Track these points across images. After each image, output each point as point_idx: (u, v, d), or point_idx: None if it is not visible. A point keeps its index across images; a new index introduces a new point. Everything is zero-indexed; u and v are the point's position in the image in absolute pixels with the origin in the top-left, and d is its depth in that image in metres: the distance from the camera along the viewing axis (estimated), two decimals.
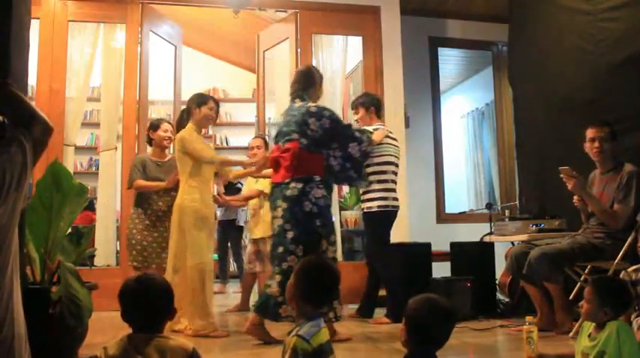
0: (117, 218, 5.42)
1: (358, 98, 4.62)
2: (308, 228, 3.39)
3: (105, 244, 5.18)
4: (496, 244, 4.67)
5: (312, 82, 3.69)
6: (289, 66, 5.61)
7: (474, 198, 7.87)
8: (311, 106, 3.55)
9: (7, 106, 1.84)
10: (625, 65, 3.98)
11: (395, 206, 4.28)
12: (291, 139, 3.50)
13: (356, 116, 4.50)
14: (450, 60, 7.23)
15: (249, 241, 5.09)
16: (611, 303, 2.17)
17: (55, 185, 2.84)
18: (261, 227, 4.71)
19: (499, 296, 4.65)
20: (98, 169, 5.92)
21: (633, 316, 2.67)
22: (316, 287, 1.81)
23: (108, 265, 5.13)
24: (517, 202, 5.47)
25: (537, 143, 4.85)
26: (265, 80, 6.07)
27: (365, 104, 4.48)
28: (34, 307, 2.30)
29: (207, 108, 3.87)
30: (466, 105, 8.29)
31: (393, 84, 5.64)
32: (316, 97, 3.72)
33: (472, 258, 4.58)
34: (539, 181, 4.79)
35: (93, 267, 3.90)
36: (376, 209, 4.22)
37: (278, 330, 3.30)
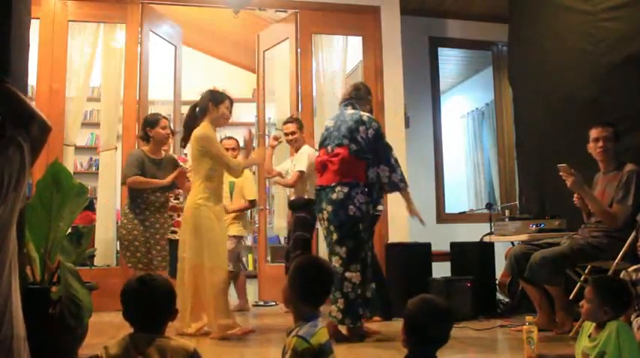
0: (117, 218, 5.42)
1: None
2: (350, 232, 3.45)
3: (105, 244, 5.18)
4: (496, 244, 4.66)
5: (365, 96, 3.82)
6: (289, 66, 5.62)
7: (474, 198, 7.86)
8: (363, 115, 3.65)
9: (5, 105, 1.84)
10: (625, 65, 3.98)
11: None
12: (341, 144, 3.56)
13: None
14: (450, 60, 7.21)
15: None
16: (611, 303, 2.18)
17: (55, 185, 2.84)
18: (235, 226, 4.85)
19: (499, 296, 4.65)
20: (98, 169, 5.93)
21: (633, 316, 2.66)
22: (314, 286, 1.81)
23: (108, 265, 5.13)
24: (517, 202, 5.47)
25: (537, 143, 4.85)
26: (265, 80, 6.08)
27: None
28: (34, 307, 2.31)
29: (224, 106, 3.76)
30: (466, 105, 8.28)
31: (393, 84, 5.64)
32: (365, 111, 3.78)
33: (472, 258, 4.58)
34: (539, 181, 4.79)
35: (93, 267, 3.90)
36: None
37: (278, 330, 3.30)
